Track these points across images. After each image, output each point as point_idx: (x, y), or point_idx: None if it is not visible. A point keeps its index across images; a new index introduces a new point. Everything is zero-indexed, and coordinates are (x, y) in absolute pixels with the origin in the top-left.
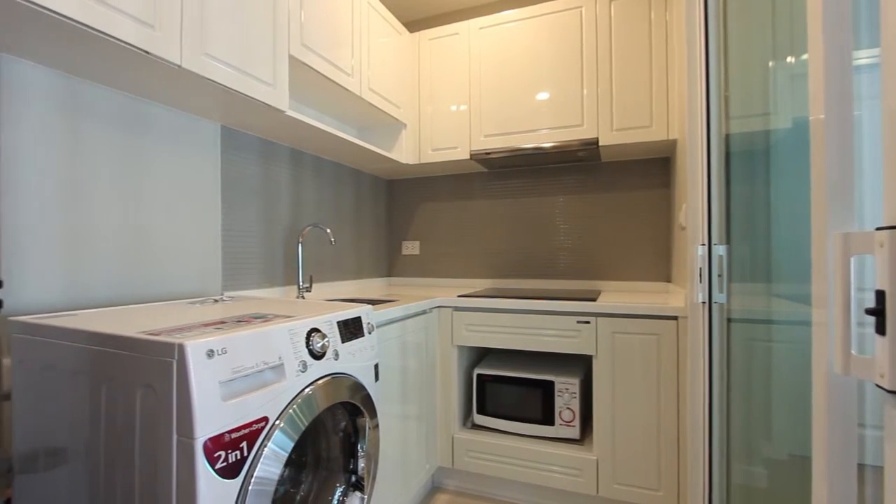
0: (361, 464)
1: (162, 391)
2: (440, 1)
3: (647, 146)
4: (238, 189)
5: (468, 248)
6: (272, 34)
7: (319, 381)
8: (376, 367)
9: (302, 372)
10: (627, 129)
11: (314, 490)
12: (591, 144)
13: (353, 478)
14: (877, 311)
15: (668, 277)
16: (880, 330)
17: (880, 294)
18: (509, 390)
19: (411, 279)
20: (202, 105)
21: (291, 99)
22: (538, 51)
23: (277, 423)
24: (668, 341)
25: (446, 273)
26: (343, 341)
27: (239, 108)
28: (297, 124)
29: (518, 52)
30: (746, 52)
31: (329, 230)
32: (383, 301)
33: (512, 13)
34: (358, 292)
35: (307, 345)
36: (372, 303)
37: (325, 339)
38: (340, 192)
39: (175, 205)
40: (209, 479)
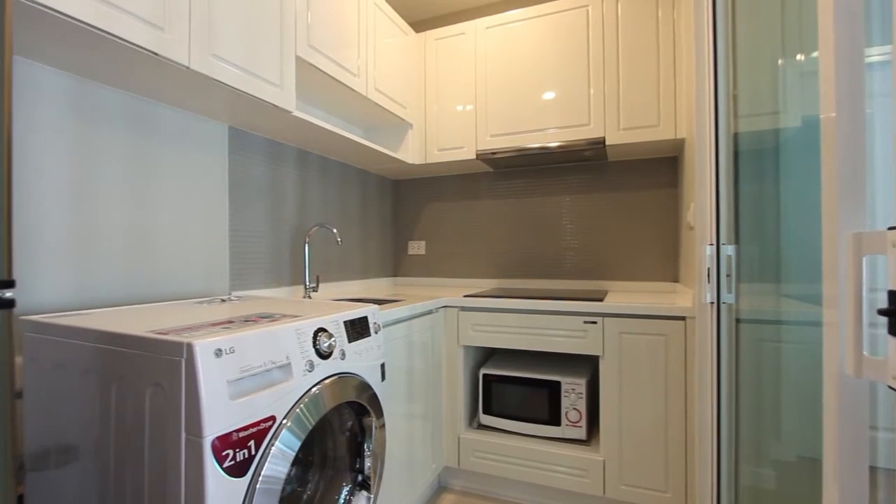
0: (368, 463)
1: (171, 390)
2: (446, 1)
3: (654, 145)
4: (245, 189)
5: (474, 248)
6: (279, 35)
7: (326, 381)
8: (382, 366)
9: (309, 371)
10: (634, 128)
11: (321, 489)
12: (597, 144)
13: (360, 477)
14: (889, 312)
15: (676, 277)
16: (893, 331)
17: (893, 294)
18: (515, 390)
19: (417, 279)
20: (210, 106)
21: (298, 99)
22: (544, 50)
23: (285, 422)
24: (676, 342)
25: (452, 273)
26: (350, 341)
27: (246, 108)
28: (303, 125)
29: (524, 52)
30: (755, 49)
31: (335, 230)
32: (389, 301)
33: (518, 13)
34: (364, 292)
35: (314, 344)
36: (378, 303)
37: (332, 339)
38: (347, 193)
39: (183, 205)
40: (217, 478)
